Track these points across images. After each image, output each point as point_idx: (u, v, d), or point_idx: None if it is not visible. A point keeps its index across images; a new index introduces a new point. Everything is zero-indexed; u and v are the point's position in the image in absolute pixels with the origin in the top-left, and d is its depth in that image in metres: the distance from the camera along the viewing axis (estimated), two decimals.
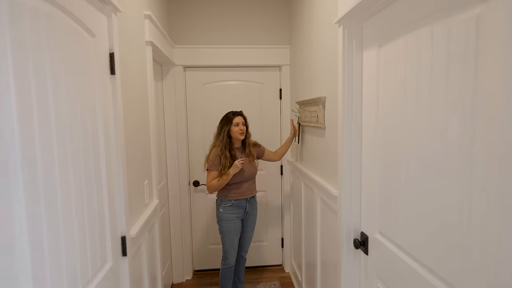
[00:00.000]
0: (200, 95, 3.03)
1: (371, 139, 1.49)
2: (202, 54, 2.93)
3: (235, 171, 2.30)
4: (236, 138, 2.40)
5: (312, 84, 2.23)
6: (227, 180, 2.33)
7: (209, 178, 2.37)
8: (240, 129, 2.38)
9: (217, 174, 2.36)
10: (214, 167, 2.36)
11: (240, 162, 2.28)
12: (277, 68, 3.07)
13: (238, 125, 2.38)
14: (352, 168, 1.66)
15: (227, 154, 2.34)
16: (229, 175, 2.31)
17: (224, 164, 2.33)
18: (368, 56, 1.54)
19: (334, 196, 1.79)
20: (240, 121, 2.39)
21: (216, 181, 2.34)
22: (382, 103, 1.40)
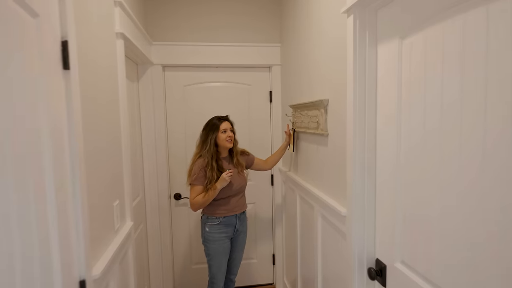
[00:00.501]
0: (181, 98, 2.71)
1: (390, 150, 1.24)
2: (184, 52, 2.62)
3: (223, 185, 2.01)
4: (224, 146, 2.11)
5: (311, 85, 1.97)
6: (213, 195, 2.03)
7: (193, 194, 2.06)
8: (228, 136, 2.10)
9: (202, 189, 2.06)
10: (198, 181, 2.05)
11: (228, 174, 2.00)
12: (266, 69, 2.81)
13: (225, 132, 2.10)
14: (366, 184, 1.40)
15: (214, 165, 2.05)
16: (216, 189, 2.02)
17: (210, 177, 2.04)
18: (384, 51, 1.29)
19: (341, 215, 1.52)
20: (227, 127, 2.11)
21: (201, 197, 2.03)
22: (406, 109, 1.15)
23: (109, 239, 1.40)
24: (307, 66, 2.02)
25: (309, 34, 1.98)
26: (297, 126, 2.24)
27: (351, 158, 1.41)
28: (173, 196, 2.77)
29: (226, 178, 2.00)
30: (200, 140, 2.16)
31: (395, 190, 1.24)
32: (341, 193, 1.58)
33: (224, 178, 2.00)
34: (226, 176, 2.00)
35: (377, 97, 1.36)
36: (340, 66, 1.54)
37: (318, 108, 1.80)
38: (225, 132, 2.10)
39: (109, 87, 1.50)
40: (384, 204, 1.32)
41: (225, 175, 2.00)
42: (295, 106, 2.20)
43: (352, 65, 1.38)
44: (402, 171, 1.19)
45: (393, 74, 1.22)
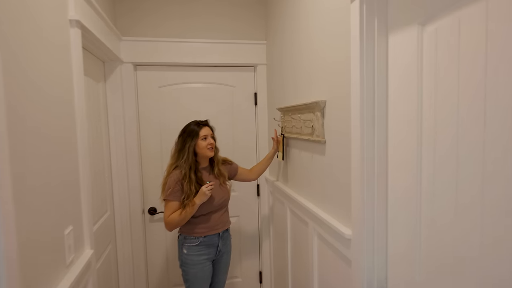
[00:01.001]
0: (156, 101, 2.42)
1: (407, 163, 1.01)
2: (158, 49, 2.33)
3: (202, 200, 1.74)
4: (204, 155, 1.84)
5: (303, 85, 1.73)
6: (192, 212, 1.76)
7: (168, 211, 1.77)
8: (209, 144, 1.83)
9: (178, 205, 1.78)
10: (174, 197, 1.77)
11: (208, 187, 1.73)
12: (251, 68, 2.56)
13: (206, 138, 1.83)
14: (376, 202, 1.17)
15: (192, 177, 1.77)
16: (195, 205, 1.74)
17: (188, 192, 1.76)
18: (398, 41, 1.07)
19: (345, 238, 1.28)
20: (208, 133, 1.84)
21: (177, 215, 1.75)
22: (430, 111, 0.92)
23: (57, 278, 1.10)
24: (298, 65, 1.78)
25: (300, 29, 1.75)
26: (286, 132, 2.00)
27: (358, 171, 1.18)
28: (147, 210, 2.46)
29: (207, 192, 1.72)
30: (175, 149, 1.86)
31: (415, 215, 1.01)
32: (343, 211, 1.35)
33: (204, 192, 1.72)
34: (206, 190, 1.72)
35: (388, 96, 1.13)
36: (340, 63, 1.31)
37: (313, 111, 1.57)
38: (206, 139, 1.82)
39: (58, 85, 1.20)
40: (399, 228, 1.09)
41: (205, 189, 1.72)
42: (285, 109, 1.96)
43: (358, 59, 1.14)
44: (424, 190, 0.96)
45: (411, 69, 1.00)
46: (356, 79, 1.16)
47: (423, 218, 0.98)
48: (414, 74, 0.99)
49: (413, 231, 1.02)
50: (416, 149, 0.99)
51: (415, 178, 1.00)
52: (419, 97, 0.98)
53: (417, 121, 0.98)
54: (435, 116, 0.92)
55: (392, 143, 1.11)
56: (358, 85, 1.15)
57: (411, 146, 1.01)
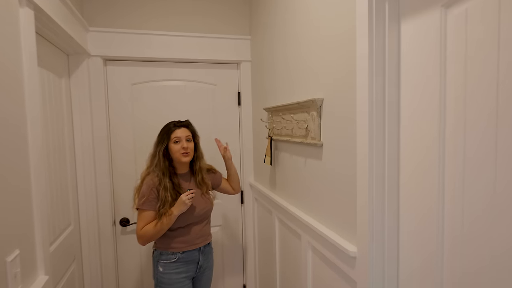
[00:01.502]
0: (129, 100, 2.18)
1: (424, 164, 0.85)
2: (131, 42, 2.10)
3: (181, 210, 1.53)
4: (178, 160, 1.62)
5: (297, 82, 1.56)
6: (169, 223, 1.54)
7: (141, 222, 1.55)
8: (182, 148, 1.60)
9: (154, 215, 1.56)
10: (148, 205, 1.55)
11: (188, 196, 1.52)
12: (234, 66, 2.37)
13: (179, 142, 1.61)
14: (386, 216, 1.01)
15: (167, 184, 1.56)
16: (172, 216, 1.53)
17: (164, 199, 1.54)
18: (412, 30, 0.92)
19: (349, 256, 1.12)
20: (182, 135, 1.62)
21: (152, 227, 1.53)
22: (455, 113, 0.77)
23: None
24: (289, 60, 1.61)
25: (295, 22, 1.58)
26: (275, 134, 1.82)
27: (366, 179, 1.02)
28: (118, 222, 2.20)
29: (186, 201, 1.51)
30: (150, 153, 1.66)
31: (436, 228, 0.85)
32: (345, 223, 1.18)
33: (183, 201, 1.51)
34: (185, 199, 1.51)
35: (400, 92, 0.98)
36: (340, 56, 1.15)
37: (307, 110, 1.40)
38: (179, 142, 1.60)
39: (2, 77, 0.96)
40: (414, 245, 0.93)
41: (185, 197, 1.52)
42: (274, 109, 1.78)
43: (366, 50, 0.99)
44: (449, 203, 0.80)
45: (431, 60, 0.85)
46: (364, 74, 1.00)
47: (447, 230, 0.83)
48: (434, 66, 0.84)
49: (433, 247, 0.87)
50: (437, 154, 0.84)
51: (436, 184, 0.85)
52: (442, 94, 0.83)
53: (440, 120, 0.83)
54: (464, 116, 0.77)
55: (405, 146, 0.96)
56: (366, 81, 0.99)
57: (430, 151, 0.86)
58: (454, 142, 0.80)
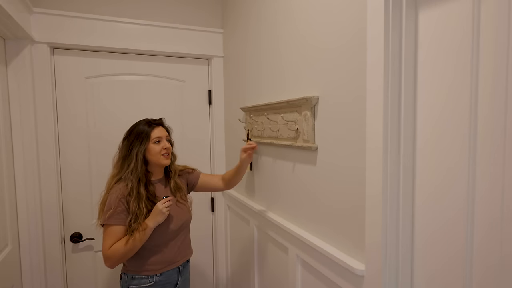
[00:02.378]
0: (82, 96, 1.87)
1: (447, 175, 0.74)
2: (85, 29, 1.80)
3: (158, 221, 1.30)
4: (158, 163, 1.39)
5: (284, 79, 1.41)
6: (143, 240, 1.29)
7: (109, 240, 1.29)
8: (164, 148, 1.39)
9: (123, 231, 1.31)
10: (117, 219, 1.30)
11: (165, 204, 1.31)
12: (204, 61, 2.16)
13: (160, 142, 1.39)
14: (401, 230, 0.90)
15: (142, 192, 1.32)
16: (147, 229, 1.29)
17: (137, 211, 1.30)
18: (434, 18, 0.81)
19: (355, 275, 0.99)
20: (162, 134, 1.40)
21: (122, 245, 1.27)
22: (488, 118, 0.67)
23: None
24: (276, 55, 1.46)
25: (278, 9, 1.43)
26: (255, 136, 1.66)
27: (378, 188, 0.89)
28: (69, 238, 1.88)
29: (163, 210, 1.29)
30: (119, 156, 1.39)
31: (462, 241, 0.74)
32: (345, 237, 1.05)
33: (160, 209, 1.29)
34: (162, 207, 1.29)
35: (416, 92, 0.87)
36: (340, 50, 1.02)
37: (299, 110, 1.25)
38: (159, 142, 1.38)
39: None
40: (435, 258, 0.82)
41: (161, 206, 1.29)
42: (254, 108, 1.62)
43: (382, 42, 0.87)
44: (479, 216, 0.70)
45: (459, 54, 0.74)
46: (377, 69, 0.87)
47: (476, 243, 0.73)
48: (464, 59, 0.74)
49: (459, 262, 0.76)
50: (466, 163, 0.73)
51: (463, 198, 0.74)
52: (472, 91, 0.73)
53: (469, 122, 0.73)
54: (505, 119, 0.67)
55: (423, 149, 0.85)
56: (380, 77, 0.87)
57: (453, 156, 0.75)
58: (488, 149, 0.70)
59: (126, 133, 1.40)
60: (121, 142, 1.40)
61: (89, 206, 1.90)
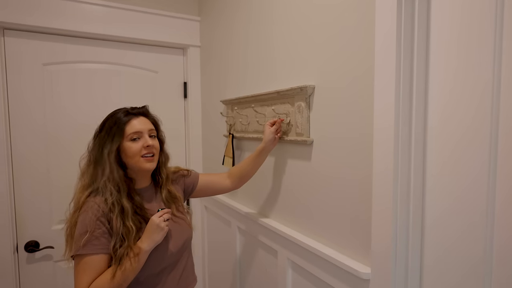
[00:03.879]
0: (38, 85, 1.64)
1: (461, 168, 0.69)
2: (42, 7, 1.58)
3: (156, 241, 0.99)
4: (137, 168, 1.05)
5: (273, 68, 1.30)
6: (136, 269, 0.97)
7: (85, 276, 0.94)
8: (145, 147, 1.04)
9: (106, 260, 0.97)
10: (96, 246, 0.95)
11: (164, 216, 1.01)
12: (179, 51, 2.00)
13: (139, 138, 1.04)
14: (411, 230, 0.83)
15: (127, 206, 1.00)
16: (141, 254, 0.96)
17: (123, 231, 0.97)
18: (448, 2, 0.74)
19: (360, 279, 0.91)
20: (144, 128, 1.05)
21: (107, 280, 0.94)
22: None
23: None
24: (263, 42, 1.34)
25: None
26: (237, 130, 1.54)
27: (389, 187, 0.82)
28: (23, 247, 1.65)
29: (162, 224, 0.98)
30: (88, 158, 1.05)
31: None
32: (345, 238, 0.97)
33: (158, 224, 0.98)
34: (160, 221, 0.99)
35: (428, 83, 0.80)
36: (339, 35, 0.94)
37: (291, 101, 1.16)
38: (138, 139, 1.04)
39: None
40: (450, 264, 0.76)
41: (158, 219, 0.99)
42: (237, 101, 1.50)
43: (394, 28, 0.79)
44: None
45: (482, 37, 0.68)
46: (388, 58, 0.80)
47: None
48: (487, 42, 0.67)
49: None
50: (487, 157, 0.67)
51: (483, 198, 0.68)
52: (494, 82, 0.67)
53: (491, 111, 0.67)
54: None
55: (434, 145, 0.78)
56: (392, 66, 0.79)
57: (471, 152, 0.69)
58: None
59: (98, 127, 1.07)
60: (91, 140, 1.07)
61: (47, 210, 1.67)
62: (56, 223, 1.69)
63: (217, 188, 1.31)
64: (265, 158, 1.25)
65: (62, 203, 1.69)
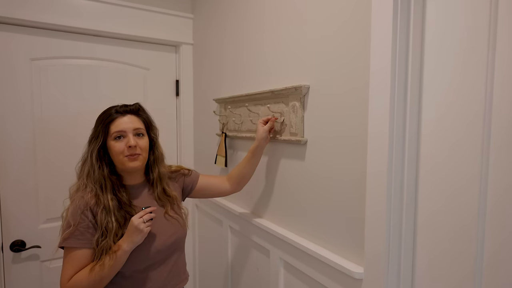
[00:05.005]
0: (26, 80, 1.60)
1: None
2: (32, 0, 1.54)
3: (135, 242, 0.97)
4: (122, 166, 1.05)
5: (269, 67, 1.30)
6: (116, 266, 0.96)
7: (69, 269, 0.96)
8: (127, 147, 1.03)
9: (90, 255, 0.98)
10: (78, 240, 0.97)
11: (145, 216, 0.99)
12: (172, 48, 1.98)
13: (123, 137, 1.04)
14: (404, 230, 0.84)
15: (109, 203, 1.00)
16: (120, 253, 0.96)
17: (106, 226, 0.98)
18: (444, 6, 0.75)
19: (353, 278, 0.92)
20: (128, 127, 1.04)
21: (86, 275, 0.95)
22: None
23: None
24: (258, 41, 1.34)
25: None
26: (230, 129, 1.53)
27: (383, 187, 0.82)
28: (8, 246, 1.60)
29: (141, 226, 0.96)
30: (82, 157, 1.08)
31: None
32: (339, 238, 0.98)
33: (136, 226, 0.96)
34: (140, 222, 0.96)
35: (422, 83, 0.81)
36: (335, 36, 0.94)
37: (285, 100, 1.16)
38: (122, 138, 1.04)
39: None
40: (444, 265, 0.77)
41: (138, 220, 0.96)
42: (231, 100, 1.49)
43: (390, 30, 0.79)
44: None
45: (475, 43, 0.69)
46: (383, 58, 0.80)
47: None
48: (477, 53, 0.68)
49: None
50: (478, 157, 0.68)
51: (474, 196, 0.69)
52: (487, 86, 0.68)
53: (484, 112, 0.68)
54: None
55: (427, 145, 0.79)
56: (388, 67, 0.80)
57: (463, 151, 0.70)
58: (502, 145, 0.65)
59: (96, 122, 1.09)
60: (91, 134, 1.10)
61: (34, 209, 1.63)
62: (43, 222, 1.66)
63: (216, 190, 1.30)
64: (260, 157, 1.25)
65: (49, 202, 1.65)
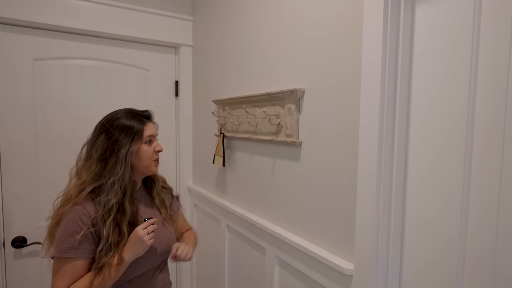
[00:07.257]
0: (29, 80, 1.63)
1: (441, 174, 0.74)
2: (36, 2, 1.57)
3: (138, 253, 0.97)
4: (146, 170, 1.07)
5: (268, 70, 1.34)
6: (115, 277, 0.96)
7: (63, 280, 0.93)
8: (155, 151, 1.07)
9: (86, 265, 0.96)
10: (81, 251, 0.93)
11: (149, 228, 0.97)
12: (171, 50, 2.02)
13: (152, 141, 1.06)
14: (392, 228, 0.88)
15: (128, 208, 0.99)
16: (123, 264, 0.95)
17: (110, 237, 0.94)
18: (434, 12, 0.79)
19: (344, 274, 0.96)
20: (155, 133, 1.08)
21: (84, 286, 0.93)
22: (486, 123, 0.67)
23: None
24: (256, 44, 1.38)
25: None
26: (228, 130, 1.57)
27: (372, 187, 0.86)
28: (10, 243, 1.64)
29: (145, 238, 0.95)
30: (90, 156, 1.01)
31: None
32: (330, 235, 1.02)
33: (141, 237, 0.95)
34: (144, 233, 0.95)
35: (410, 94, 0.85)
36: (331, 42, 0.98)
37: (281, 103, 1.20)
38: (151, 142, 1.06)
39: None
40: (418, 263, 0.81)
41: (143, 231, 0.95)
42: (229, 101, 1.53)
43: (380, 37, 0.83)
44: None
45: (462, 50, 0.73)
46: (374, 65, 0.84)
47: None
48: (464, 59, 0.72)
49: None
50: (462, 157, 0.73)
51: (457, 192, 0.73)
52: (471, 90, 0.72)
53: (467, 119, 0.72)
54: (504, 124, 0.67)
55: (415, 148, 0.84)
56: (378, 73, 0.84)
57: (445, 155, 0.74)
58: (485, 153, 0.69)
59: (103, 124, 1.02)
60: (92, 137, 1.03)
61: (35, 205, 1.67)
62: (44, 219, 1.69)
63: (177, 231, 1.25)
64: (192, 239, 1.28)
65: (50, 200, 1.68)
